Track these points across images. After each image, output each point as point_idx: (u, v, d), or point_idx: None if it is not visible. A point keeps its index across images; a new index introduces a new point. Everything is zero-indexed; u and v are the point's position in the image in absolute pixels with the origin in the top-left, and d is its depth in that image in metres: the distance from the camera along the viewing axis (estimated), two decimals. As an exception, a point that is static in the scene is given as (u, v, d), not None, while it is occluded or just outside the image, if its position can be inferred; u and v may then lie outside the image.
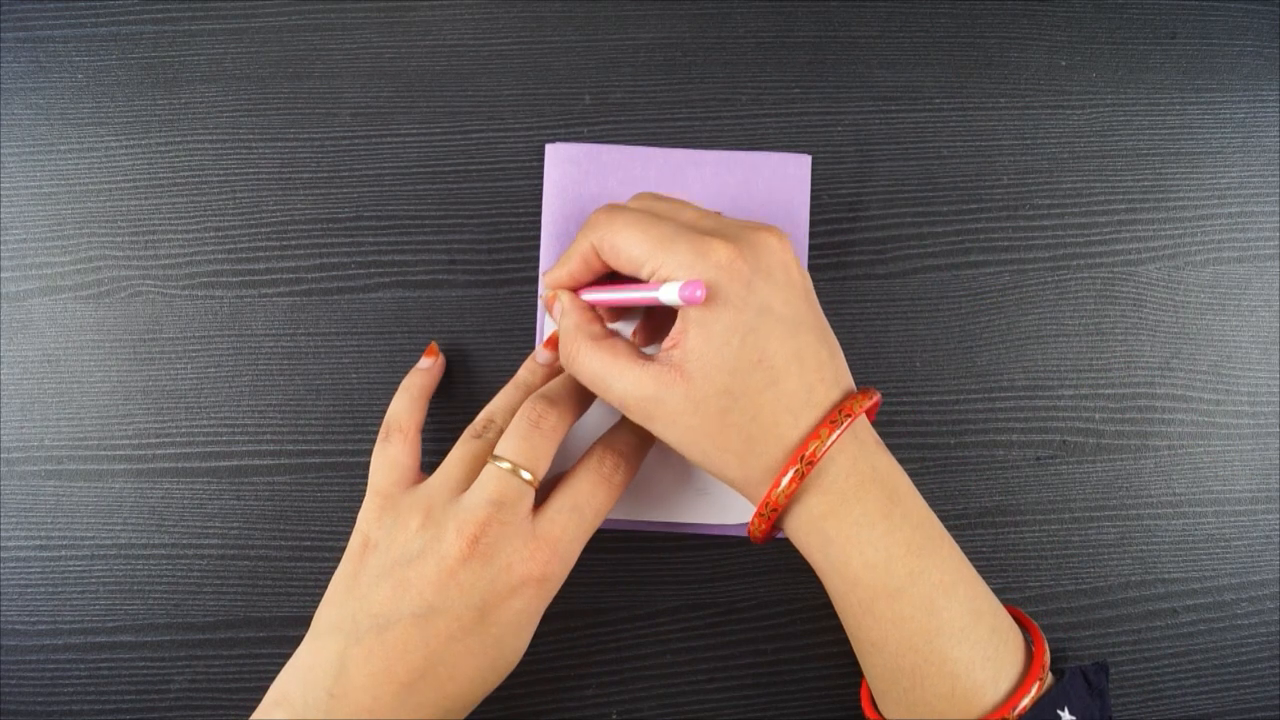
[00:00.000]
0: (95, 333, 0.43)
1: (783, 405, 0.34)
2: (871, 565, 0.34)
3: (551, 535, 0.36)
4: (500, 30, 0.44)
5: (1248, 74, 0.45)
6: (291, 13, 0.44)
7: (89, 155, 0.44)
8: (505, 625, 0.35)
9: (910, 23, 0.45)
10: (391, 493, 0.37)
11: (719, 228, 0.35)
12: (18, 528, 0.43)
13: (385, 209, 0.44)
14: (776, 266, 0.34)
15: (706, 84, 0.44)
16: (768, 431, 0.34)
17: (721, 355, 0.33)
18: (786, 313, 0.34)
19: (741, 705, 0.43)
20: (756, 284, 0.33)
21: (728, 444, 0.34)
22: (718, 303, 0.33)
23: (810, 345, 0.34)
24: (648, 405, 0.35)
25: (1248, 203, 0.45)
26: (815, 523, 0.35)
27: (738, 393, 0.33)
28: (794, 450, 0.34)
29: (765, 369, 0.33)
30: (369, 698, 0.34)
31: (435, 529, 0.36)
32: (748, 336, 0.33)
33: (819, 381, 0.34)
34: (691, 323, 0.34)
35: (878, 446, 0.36)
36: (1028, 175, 0.45)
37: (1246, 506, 0.44)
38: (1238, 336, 0.45)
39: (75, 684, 0.43)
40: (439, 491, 0.37)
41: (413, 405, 0.40)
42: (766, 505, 0.34)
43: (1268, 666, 0.44)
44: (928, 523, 0.35)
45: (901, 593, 0.34)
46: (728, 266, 0.33)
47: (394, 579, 0.35)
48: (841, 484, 0.34)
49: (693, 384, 0.33)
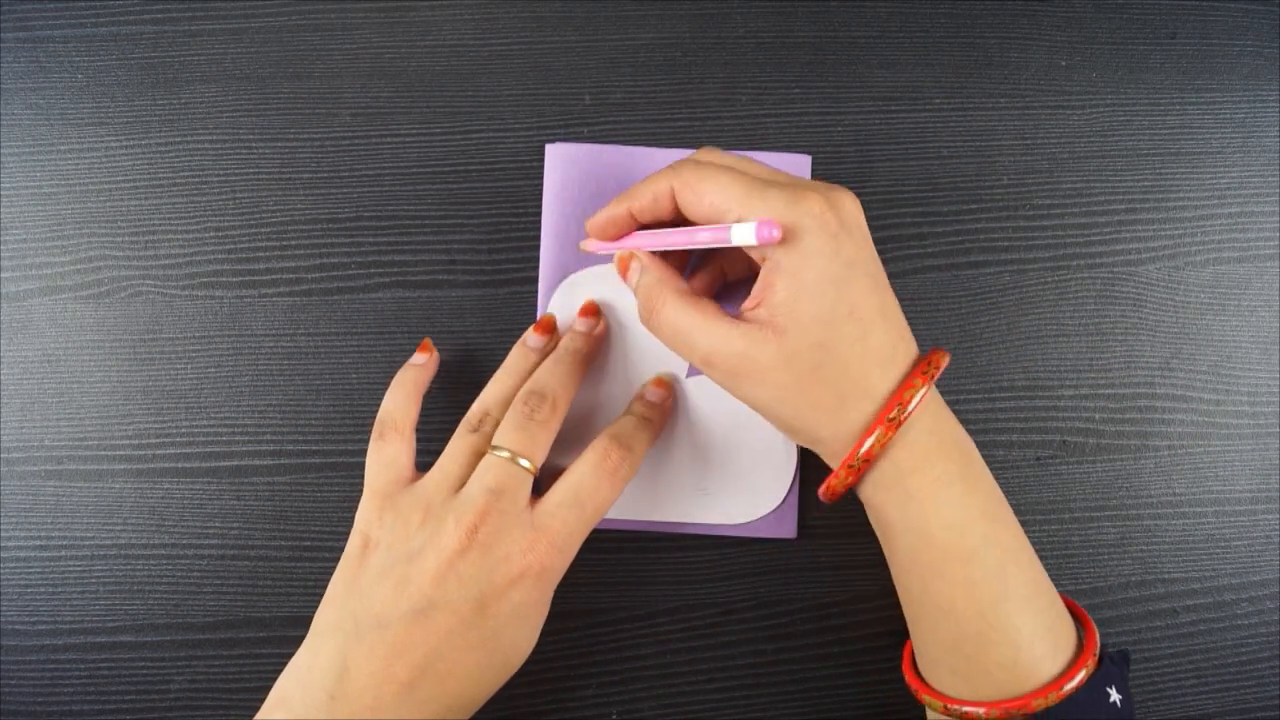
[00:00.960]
0: (95, 333, 0.43)
1: (872, 358, 0.34)
2: (948, 525, 0.34)
3: (551, 527, 0.36)
4: (500, 30, 0.44)
5: (1248, 74, 0.45)
6: (291, 13, 0.44)
7: (89, 155, 0.44)
8: (504, 618, 0.35)
9: (910, 23, 0.45)
10: (390, 492, 0.37)
11: (800, 181, 0.35)
12: (18, 528, 0.43)
13: (385, 209, 0.44)
14: (855, 226, 0.34)
15: (706, 84, 0.44)
16: (857, 386, 0.34)
17: (817, 305, 0.33)
18: (871, 268, 0.34)
19: (741, 705, 0.43)
20: (843, 237, 0.33)
21: (818, 400, 0.34)
22: (810, 252, 0.33)
23: (890, 302, 0.35)
24: (736, 362, 0.34)
25: (1248, 203, 0.45)
26: (899, 478, 0.34)
27: (831, 345, 0.33)
28: (887, 402, 0.34)
29: (856, 321, 0.33)
30: (370, 697, 0.34)
31: (435, 524, 0.36)
32: (841, 287, 0.33)
33: (899, 338, 0.34)
34: (780, 274, 0.33)
35: (946, 409, 0.36)
36: (1028, 175, 0.45)
37: (1246, 506, 0.44)
38: (1238, 336, 0.45)
39: (75, 684, 0.43)
40: (438, 488, 0.37)
41: (407, 402, 0.40)
42: (857, 457, 0.34)
43: (1268, 666, 0.44)
44: (995, 489, 0.36)
45: (974, 556, 0.34)
46: (819, 216, 0.33)
47: (395, 577, 0.35)
48: (925, 441, 0.34)
49: (786, 338, 0.33)
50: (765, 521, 0.43)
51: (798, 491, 0.43)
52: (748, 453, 0.43)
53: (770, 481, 0.43)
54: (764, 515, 0.43)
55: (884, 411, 0.33)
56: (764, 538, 0.43)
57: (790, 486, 0.43)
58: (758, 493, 0.43)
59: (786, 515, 0.43)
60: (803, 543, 0.43)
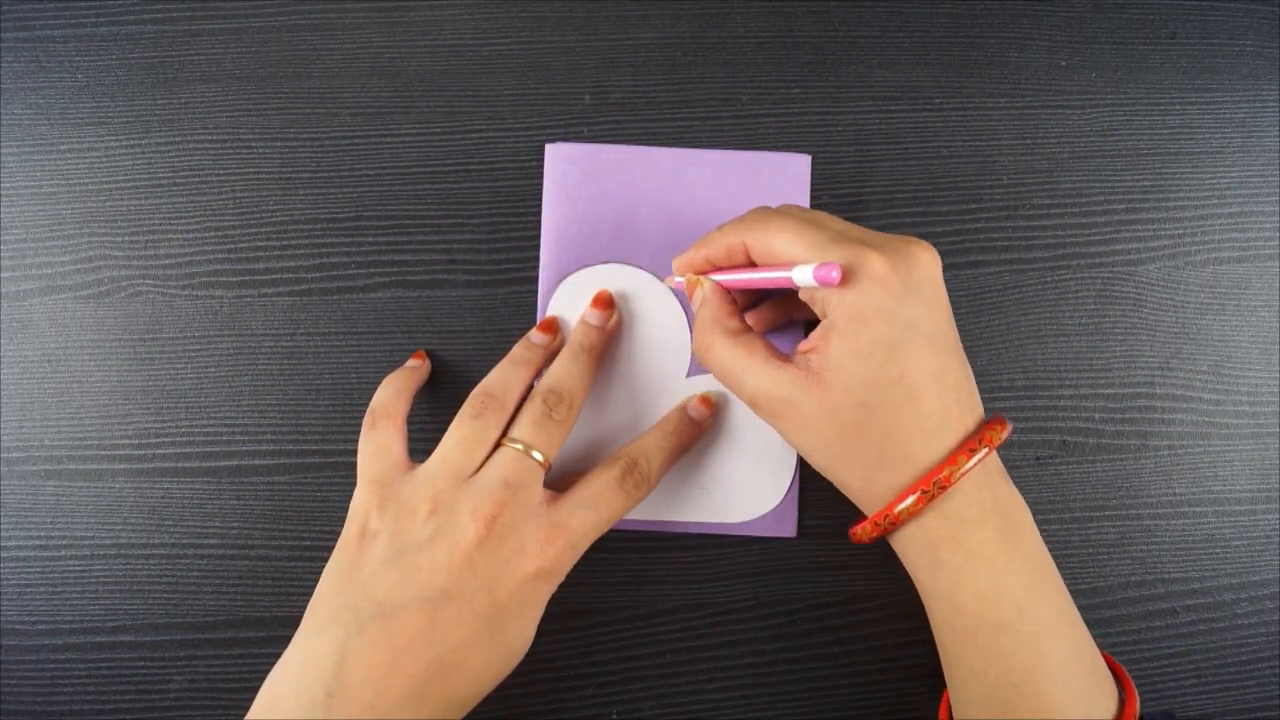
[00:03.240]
0: (95, 333, 0.43)
1: (917, 425, 0.33)
2: (982, 596, 0.34)
3: (569, 525, 0.36)
4: (500, 30, 0.44)
5: (1248, 74, 0.45)
6: (291, 13, 0.44)
7: (89, 155, 0.44)
8: (512, 611, 0.35)
9: (910, 23, 0.45)
10: (387, 480, 0.37)
11: (872, 238, 0.34)
12: (18, 528, 0.43)
13: (385, 209, 0.44)
14: (927, 282, 0.34)
15: (706, 84, 0.44)
16: (899, 449, 0.33)
17: (864, 367, 0.33)
18: (932, 330, 0.33)
19: (741, 705, 0.43)
20: (907, 299, 0.33)
21: (856, 456, 0.34)
22: (868, 314, 0.33)
23: (951, 366, 0.34)
24: (779, 406, 0.34)
25: (1248, 203, 0.45)
26: (930, 545, 0.34)
27: (874, 406, 0.33)
28: (925, 473, 0.33)
29: (905, 386, 0.33)
30: (371, 693, 0.32)
31: (446, 514, 0.35)
32: (893, 351, 0.33)
33: (954, 404, 0.34)
34: (837, 331, 0.33)
35: (1001, 475, 0.35)
36: (1028, 175, 0.45)
37: (1246, 506, 0.44)
38: (1238, 336, 0.45)
39: (75, 684, 0.43)
40: (442, 475, 0.36)
41: (398, 395, 0.40)
42: (885, 518, 0.34)
43: (1268, 666, 0.44)
44: (1041, 559, 0.35)
45: (1008, 627, 0.33)
46: (881, 279, 0.33)
47: (402, 565, 0.34)
48: (964, 511, 0.34)
49: (829, 392, 0.33)
50: (765, 521, 0.43)
51: (798, 491, 0.43)
52: (748, 452, 0.43)
53: (770, 481, 0.43)
54: (764, 514, 0.43)
55: (921, 482, 0.33)
56: (764, 537, 0.43)
57: (790, 486, 0.43)
58: (758, 492, 0.43)
59: (786, 515, 0.43)
60: (803, 543, 0.43)
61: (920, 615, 0.43)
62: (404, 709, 0.33)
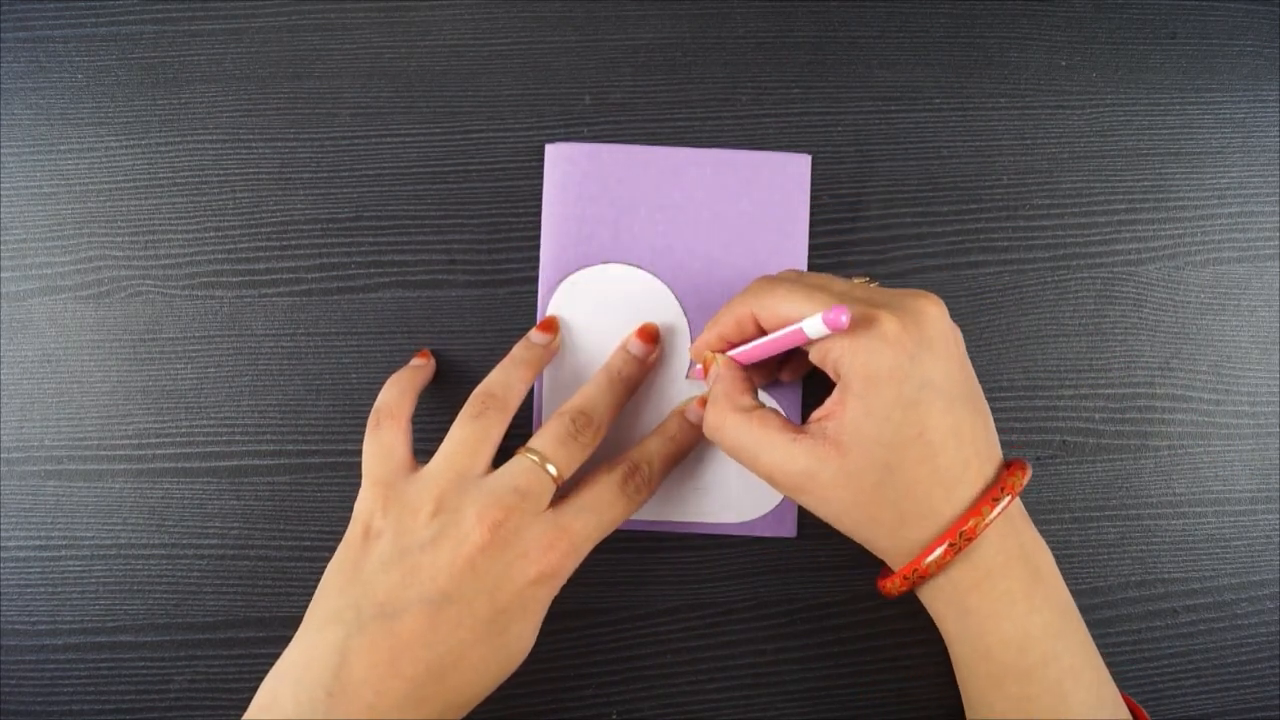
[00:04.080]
0: (95, 333, 0.43)
1: (937, 480, 0.33)
2: (1007, 642, 0.34)
3: (573, 528, 0.36)
4: (500, 30, 0.44)
5: (1248, 74, 0.45)
6: (291, 13, 0.44)
7: (89, 155, 0.44)
8: (514, 615, 0.35)
9: (910, 23, 0.45)
10: (392, 480, 0.37)
11: (879, 298, 0.35)
12: (18, 528, 0.43)
13: (385, 209, 0.44)
14: (938, 337, 0.34)
15: (706, 84, 0.44)
16: (920, 506, 0.34)
17: (881, 430, 0.33)
18: (946, 385, 0.34)
19: (741, 705, 0.43)
20: (920, 357, 0.33)
21: (879, 517, 0.34)
22: (882, 377, 0.33)
23: (967, 418, 0.34)
24: (798, 479, 0.34)
25: (1248, 203, 0.45)
26: (957, 595, 0.35)
27: (894, 466, 0.33)
28: (949, 526, 0.33)
29: (923, 444, 0.33)
30: (371, 693, 0.32)
31: (451, 515, 0.35)
32: (909, 411, 0.33)
33: (974, 455, 0.34)
34: (852, 394, 0.33)
35: (1024, 518, 0.35)
36: (1028, 175, 0.45)
37: (1246, 506, 0.44)
38: (1238, 336, 0.45)
39: (75, 684, 0.43)
40: (445, 475, 0.36)
41: (402, 395, 0.40)
42: (913, 572, 0.34)
43: (1268, 666, 0.44)
44: (1066, 605, 0.35)
45: (1032, 674, 0.34)
46: (894, 340, 0.33)
47: (404, 566, 0.34)
48: (989, 560, 0.34)
49: (848, 458, 0.33)
50: (765, 520, 0.43)
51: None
52: (748, 453, 0.43)
53: (770, 481, 0.43)
54: (764, 514, 0.43)
55: (946, 535, 0.33)
56: (764, 537, 0.43)
57: (790, 486, 0.43)
58: (758, 491, 0.43)
59: (786, 514, 0.43)
60: (803, 543, 0.43)
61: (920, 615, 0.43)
62: (404, 710, 0.33)
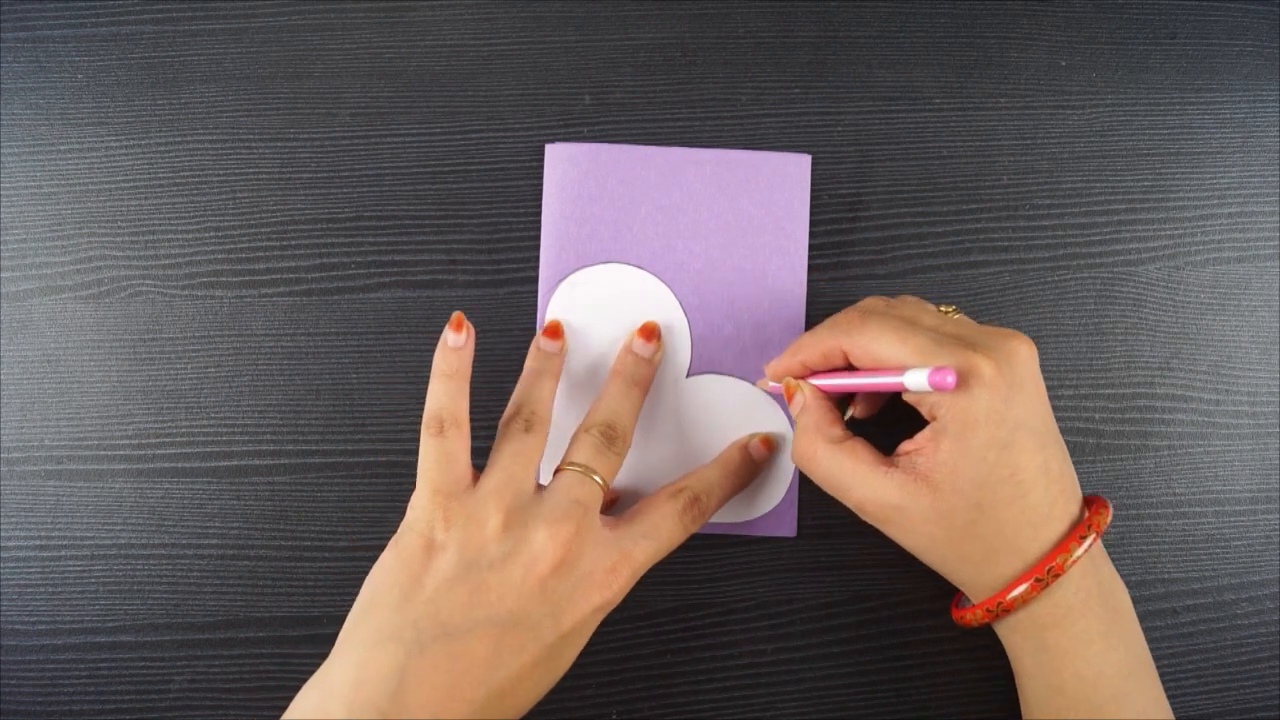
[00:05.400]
0: (95, 333, 0.43)
1: (1026, 518, 0.34)
2: (1080, 678, 0.34)
3: (633, 554, 0.36)
4: (500, 30, 0.44)
5: (1248, 74, 0.45)
6: (291, 13, 0.44)
7: (89, 155, 0.44)
8: (570, 641, 0.35)
9: (910, 23, 0.45)
10: (453, 491, 0.35)
11: (970, 334, 0.35)
12: (18, 528, 0.43)
13: (385, 209, 0.44)
14: (1028, 378, 0.34)
15: (706, 84, 0.44)
16: (1009, 543, 0.34)
17: (975, 471, 0.33)
18: (1036, 425, 0.34)
19: (741, 705, 0.43)
20: (1013, 398, 0.34)
21: (967, 553, 0.35)
22: (978, 420, 0.33)
23: (1055, 457, 0.35)
24: (888, 512, 0.35)
25: (1248, 203, 0.45)
26: (1035, 630, 0.35)
27: (986, 506, 0.34)
28: (1036, 562, 0.34)
29: (1015, 484, 0.34)
30: (428, 718, 0.31)
31: (521, 531, 0.34)
32: (1003, 453, 0.33)
33: (1060, 494, 0.35)
34: (949, 435, 0.34)
35: (1104, 557, 0.36)
36: (1028, 175, 0.45)
37: (1246, 506, 0.44)
38: (1238, 336, 0.45)
39: (75, 684, 0.43)
40: (509, 489, 0.35)
41: (458, 392, 0.37)
42: (997, 605, 0.35)
43: (1268, 666, 0.44)
44: (1138, 645, 0.36)
45: (1103, 710, 0.34)
46: (990, 383, 0.33)
47: (470, 583, 0.33)
48: (1071, 597, 0.34)
49: (940, 495, 0.34)
50: (765, 520, 0.43)
51: (797, 491, 0.43)
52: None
53: (770, 480, 0.43)
54: (764, 514, 0.43)
55: (1032, 572, 0.34)
56: (764, 537, 0.43)
57: (790, 486, 0.43)
58: (757, 491, 0.43)
59: (786, 514, 0.43)
60: (803, 543, 0.43)
61: (920, 616, 0.43)
62: None
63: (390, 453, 0.43)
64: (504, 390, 0.41)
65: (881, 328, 0.35)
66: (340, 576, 0.43)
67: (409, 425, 0.43)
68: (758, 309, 0.43)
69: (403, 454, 0.43)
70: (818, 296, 0.44)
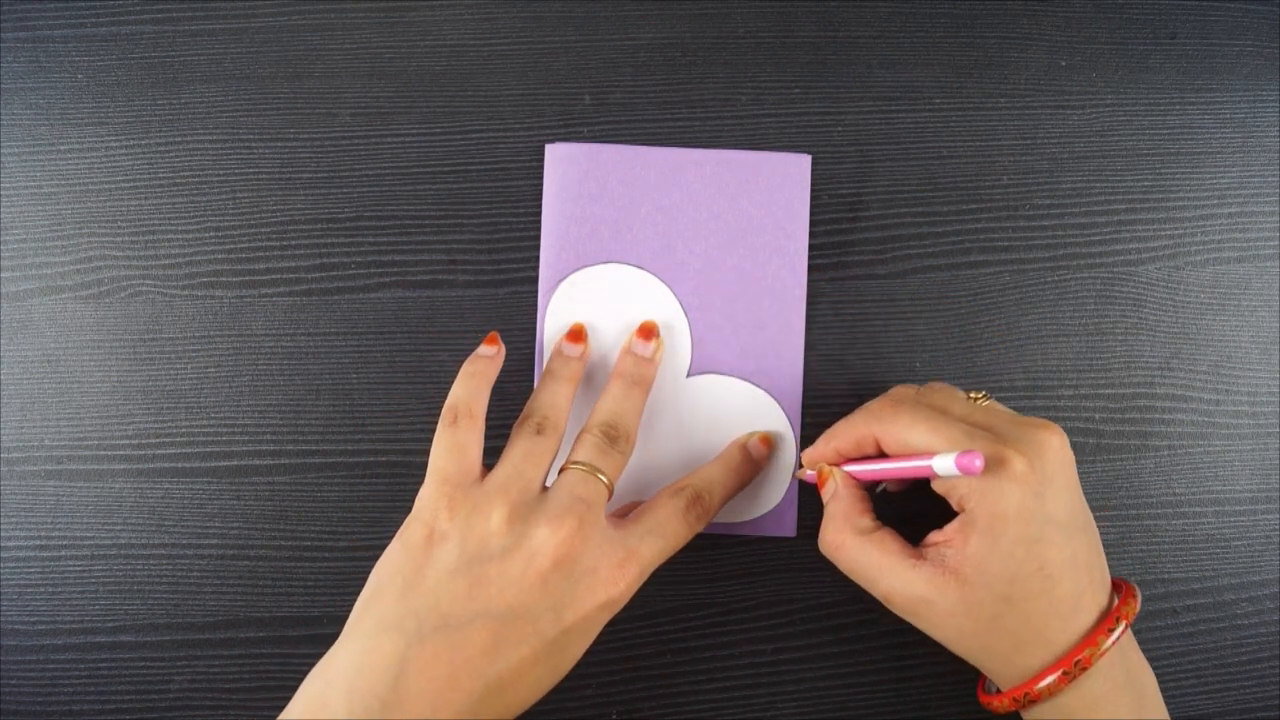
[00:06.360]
0: (95, 333, 0.43)
1: (1054, 610, 0.34)
2: None
3: (640, 552, 0.36)
4: (500, 30, 0.44)
5: (1248, 74, 0.45)
6: (291, 13, 0.44)
7: (89, 155, 0.44)
8: (574, 637, 0.35)
9: (910, 23, 0.45)
10: (461, 482, 0.36)
11: (1000, 426, 0.35)
12: (18, 528, 0.43)
13: (385, 209, 0.44)
14: (1059, 470, 0.34)
15: (706, 84, 0.44)
16: (1037, 635, 0.34)
17: (1005, 565, 0.33)
18: (1066, 518, 0.34)
19: (741, 705, 0.43)
20: (1045, 493, 0.34)
21: (994, 645, 0.35)
22: (1009, 515, 0.33)
23: (1084, 548, 0.35)
24: (916, 605, 0.35)
25: (1248, 203, 0.45)
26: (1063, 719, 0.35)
27: (1014, 600, 0.34)
28: (1065, 654, 0.34)
29: (1043, 577, 0.34)
30: (428, 707, 0.31)
31: (523, 526, 0.34)
32: (1032, 547, 0.33)
33: (1089, 584, 0.35)
34: (978, 530, 0.34)
35: (1131, 644, 0.36)
36: (1028, 175, 0.45)
37: (1246, 506, 0.44)
38: (1238, 336, 0.45)
39: (75, 684, 0.43)
40: (516, 485, 0.35)
41: (478, 392, 0.38)
42: (1024, 695, 0.35)
43: (1268, 666, 0.44)
44: None
45: None
46: (1021, 478, 0.33)
47: (471, 576, 0.33)
48: (1098, 688, 0.34)
49: (969, 589, 0.34)
50: (765, 520, 0.43)
51: (797, 491, 0.43)
52: (748, 453, 0.43)
53: (770, 480, 0.43)
54: (764, 514, 0.43)
55: (1060, 664, 0.34)
56: (764, 537, 0.43)
57: (790, 485, 0.43)
58: (758, 491, 0.43)
59: (786, 514, 0.43)
60: (803, 542, 0.43)
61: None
62: None
63: (390, 453, 0.43)
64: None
65: (914, 417, 0.35)
66: (340, 576, 0.43)
67: (409, 425, 0.43)
68: (758, 309, 0.43)
69: (403, 454, 0.43)
70: (818, 296, 0.44)
